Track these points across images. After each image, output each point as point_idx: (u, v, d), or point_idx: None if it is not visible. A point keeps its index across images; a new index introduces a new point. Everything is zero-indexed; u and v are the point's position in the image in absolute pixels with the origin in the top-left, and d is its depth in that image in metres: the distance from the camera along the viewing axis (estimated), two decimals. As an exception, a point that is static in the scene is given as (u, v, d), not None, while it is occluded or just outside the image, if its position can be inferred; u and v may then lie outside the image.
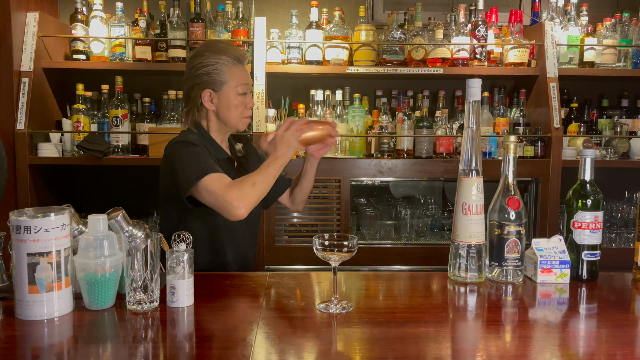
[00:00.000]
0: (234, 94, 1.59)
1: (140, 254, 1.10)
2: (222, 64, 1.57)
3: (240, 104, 1.60)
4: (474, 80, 1.34)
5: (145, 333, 1.03)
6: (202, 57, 1.58)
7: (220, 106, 1.59)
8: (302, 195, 1.77)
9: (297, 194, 1.78)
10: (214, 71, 1.57)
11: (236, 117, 1.61)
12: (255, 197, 1.41)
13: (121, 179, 2.85)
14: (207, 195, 1.42)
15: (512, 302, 1.25)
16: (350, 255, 1.14)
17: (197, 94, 1.59)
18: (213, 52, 1.58)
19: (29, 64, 2.46)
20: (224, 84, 1.58)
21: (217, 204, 1.41)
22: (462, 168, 1.36)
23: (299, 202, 1.80)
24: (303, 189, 1.75)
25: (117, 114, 2.57)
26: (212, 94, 1.58)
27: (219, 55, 1.57)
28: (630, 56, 2.77)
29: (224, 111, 1.60)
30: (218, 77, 1.57)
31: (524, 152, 2.64)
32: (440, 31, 2.67)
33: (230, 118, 1.61)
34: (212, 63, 1.57)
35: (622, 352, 0.96)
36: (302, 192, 1.76)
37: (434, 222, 2.79)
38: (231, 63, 1.58)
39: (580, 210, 1.37)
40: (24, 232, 1.03)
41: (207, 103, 1.59)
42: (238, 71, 1.60)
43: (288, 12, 2.79)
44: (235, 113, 1.60)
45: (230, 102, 1.59)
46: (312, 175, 1.72)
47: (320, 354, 0.95)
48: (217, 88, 1.58)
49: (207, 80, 1.57)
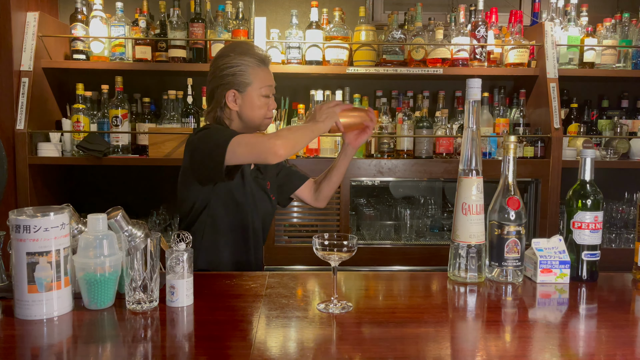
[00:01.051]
0: (258, 95, 1.60)
1: (139, 254, 1.10)
2: (247, 65, 1.59)
3: (264, 105, 1.62)
4: (474, 80, 1.34)
5: (144, 333, 1.03)
6: (227, 58, 1.59)
7: (244, 107, 1.61)
8: (329, 189, 1.78)
9: (324, 189, 1.79)
10: (239, 72, 1.58)
11: (259, 118, 1.63)
12: (292, 140, 1.42)
13: (121, 179, 2.85)
14: (244, 147, 1.42)
15: (511, 303, 1.25)
16: (350, 255, 1.14)
17: (222, 94, 1.60)
18: (238, 53, 1.59)
19: (29, 63, 2.46)
20: (249, 85, 1.59)
21: (256, 149, 1.41)
22: (462, 168, 1.36)
23: (324, 197, 1.81)
24: (332, 182, 1.76)
25: (117, 114, 2.57)
26: (236, 94, 1.59)
27: (244, 57, 1.59)
28: (630, 57, 2.77)
29: (248, 112, 1.61)
30: (243, 78, 1.59)
31: (524, 152, 2.64)
32: (440, 31, 2.67)
33: (253, 119, 1.62)
34: (237, 64, 1.58)
35: (622, 352, 0.96)
36: (330, 187, 1.78)
37: (433, 223, 2.79)
38: (256, 64, 1.60)
39: (580, 211, 1.37)
40: (24, 232, 1.03)
41: (231, 103, 1.60)
42: (262, 73, 1.61)
43: (288, 12, 2.79)
44: (258, 114, 1.62)
45: (254, 103, 1.60)
46: (344, 169, 1.74)
47: (319, 353, 0.95)
48: (242, 89, 1.59)
49: (232, 81, 1.59)
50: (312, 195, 1.83)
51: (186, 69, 2.62)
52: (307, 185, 1.83)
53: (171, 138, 2.52)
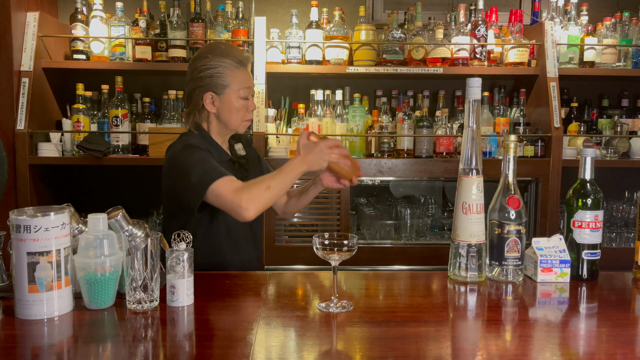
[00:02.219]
0: (236, 98, 1.59)
1: (140, 253, 1.10)
2: (225, 67, 1.57)
3: (242, 107, 1.60)
4: (474, 80, 1.34)
5: (145, 332, 1.03)
6: (204, 60, 1.57)
7: (222, 109, 1.59)
8: (295, 208, 1.76)
9: (291, 207, 1.76)
10: (217, 74, 1.56)
11: (237, 120, 1.61)
12: (266, 201, 1.41)
13: (121, 178, 2.85)
14: (217, 199, 1.42)
15: (512, 302, 1.25)
16: (350, 254, 1.14)
17: (199, 97, 1.58)
18: (216, 55, 1.57)
19: (29, 63, 2.46)
20: (227, 87, 1.57)
21: (227, 207, 1.42)
22: (462, 167, 1.36)
23: (289, 212, 1.79)
24: (299, 204, 1.73)
25: (117, 113, 2.57)
26: (214, 96, 1.58)
27: (222, 58, 1.57)
28: (630, 56, 2.77)
29: (226, 114, 1.59)
30: (220, 81, 1.57)
31: (524, 151, 2.64)
32: (440, 31, 2.67)
33: (231, 121, 1.61)
34: (215, 66, 1.56)
35: (622, 351, 0.96)
36: (297, 207, 1.75)
37: (434, 222, 2.79)
38: (234, 66, 1.58)
39: (580, 210, 1.37)
40: (24, 232, 1.03)
41: (209, 106, 1.59)
42: (241, 75, 1.59)
43: (288, 11, 2.79)
44: (236, 116, 1.60)
45: (232, 105, 1.59)
46: (312, 198, 1.70)
47: (320, 353, 0.95)
48: (220, 91, 1.58)
49: (209, 83, 1.57)
50: (282, 205, 1.78)
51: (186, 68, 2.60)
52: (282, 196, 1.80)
53: (171, 138, 2.51)
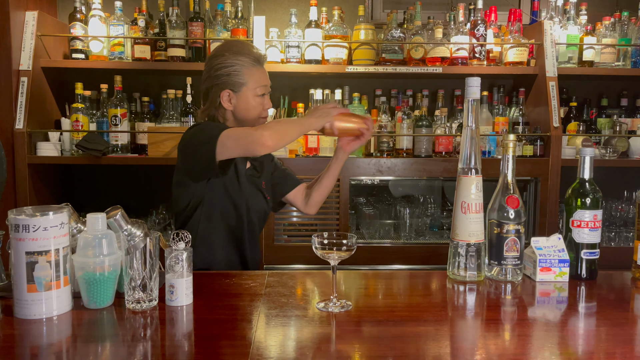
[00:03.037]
0: (253, 95, 1.60)
1: (139, 253, 1.10)
2: (242, 65, 1.58)
3: (259, 105, 1.62)
4: (473, 79, 1.34)
5: (144, 332, 1.03)
6: (221, 58, 1.58)
7: (239, 107, 1.60)
8: (319, 195, 1.75)
9: (315, 194, 1.75)
10: (234, 72, 1.58)
11: (254, 117, 1.62)
12: (280, 132, 1.41)
13: (120, 178, 2.85)
14: (232, 141, 1.42)
15: (511, 301, 1.25)
16: (349, 254, 1.14)
17: (216, 94, 1.59)
18: (233, 53, 1.58)
19: (28, 63, 2.46)
20: (244, 85, 1.59)
21: (244, 141, 1.40)
22: (461, 167, 1.36)
23: (314, 203, 1.77)
24: (322, 188, 1.73)
25: (116, 113, 2.57)
26: (230, 94, 1.59)
27: (239, 56, 1.58)
28: (629, 55, 2.77)
29: (242, 112, 1.61)
30: (237, 79, 1.58)
31: (523, 151, 2.64)
32: (440, 30, 2.67)
33: (247, 118, 1.62)
34: (232, 64, 1.58)
35: (621, 350, 0.96)
36: (321, 192, 1.74)
37: (433, 221, 2.79)
38: (250, 64, 1.59)
39: (579, 209, 1.37)
40: (23, 231, 1.03)
41: (226, 103, 1.60)
42: (257, 72, 1.61)
43: (287, 11, 2.79)
44: (253, 114, 1.61)
45: (249, 103, 1.60)
46: (336, 173, 1.71)
47: (319, 352, 0.95)
48: (237, 89, 1.59)
49: (226, 81, 1.58)
50: (303, 200, 1.79)
51: (185, 68, 2.62)
52: (299, 190, 1.80)
53: (170, 137, 2.52)
